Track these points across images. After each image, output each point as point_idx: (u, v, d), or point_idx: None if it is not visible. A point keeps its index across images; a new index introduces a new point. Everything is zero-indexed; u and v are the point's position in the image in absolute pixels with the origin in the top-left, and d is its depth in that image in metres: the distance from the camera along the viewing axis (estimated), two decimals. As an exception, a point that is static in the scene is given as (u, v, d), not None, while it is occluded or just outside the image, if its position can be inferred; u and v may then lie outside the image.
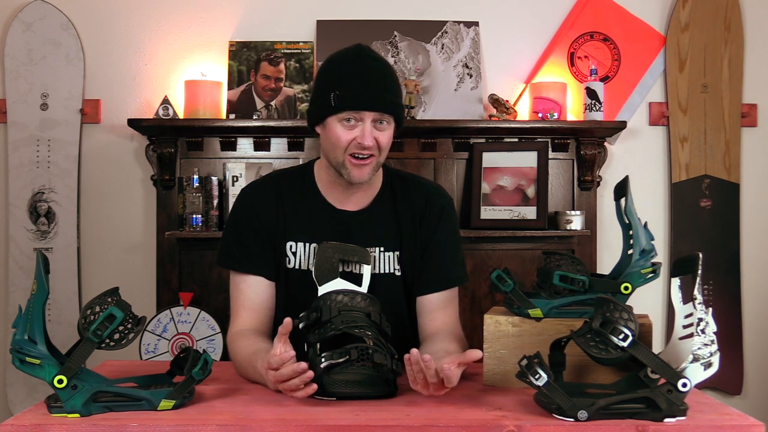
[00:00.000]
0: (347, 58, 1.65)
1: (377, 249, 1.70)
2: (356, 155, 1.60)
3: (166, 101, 2.85)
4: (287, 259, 1.70)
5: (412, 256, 1.72)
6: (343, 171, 1.63)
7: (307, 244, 1.69)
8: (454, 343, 1.60)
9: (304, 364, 1.31)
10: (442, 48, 3.02)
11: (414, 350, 1.32)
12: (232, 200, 2.81)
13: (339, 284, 1.53)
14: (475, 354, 1.32)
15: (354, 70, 1.61)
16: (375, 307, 1.47)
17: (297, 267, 1.69)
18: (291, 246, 1.70)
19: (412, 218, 1.73)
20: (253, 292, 1.69)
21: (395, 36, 3.01)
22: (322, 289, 1.52)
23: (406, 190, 1.76)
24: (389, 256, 1.71)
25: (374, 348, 1.38)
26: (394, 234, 1.72)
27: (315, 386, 1.33)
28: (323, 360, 1.36)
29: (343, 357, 1.36)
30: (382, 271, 1.70)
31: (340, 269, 1.58)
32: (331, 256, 1.57)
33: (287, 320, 1.37)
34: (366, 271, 1.59)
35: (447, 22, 3.04)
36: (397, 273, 1.71)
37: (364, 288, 1.55)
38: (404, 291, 1.72)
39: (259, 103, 2.96)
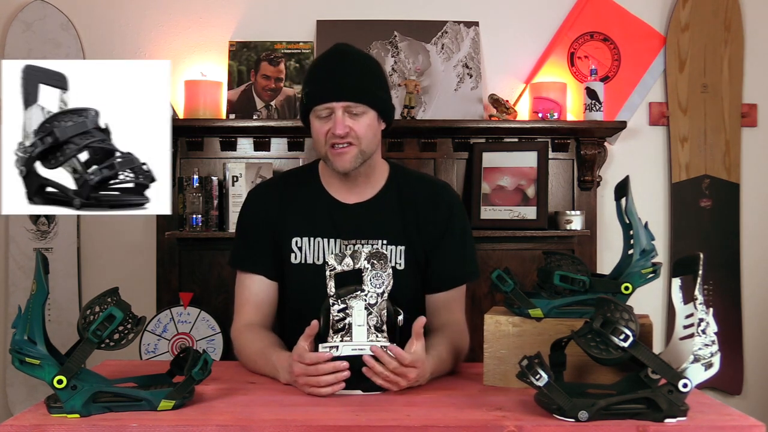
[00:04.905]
0: (321, 56, 1.74)
1: (380, 241, 1.72)
2: (334, 145, 1.65)
3: (166, 101, 2.85)
4: (293, 254, 1.73)
5: (415, 252, 1.74)
6: (329, 163, 1.69)
7: (312, 239, 1.73)
8: (443, 343, 1.62)
9: (344, 363, 1.39)
10: (442, 48, 3.02)
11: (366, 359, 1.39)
12: (232, 200, 2.82)
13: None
14: (419, 322, 1.43)
15: (321, 66, 1.71)
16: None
17: (302, 262, 1.73)
18: (296, 241, 1.73)
19: (416, 215, 1.75)
20: (257, 288, 1.74)
21: (395, 36, 3.01)
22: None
23: (412, 186, 1.79)
24: (392, 249, 1.73)
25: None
26: (398, 228, 1.74)
27: (343, 384, 1.39)
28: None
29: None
30: None
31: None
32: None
33: (314, 323, 1.42)
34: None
35: (447, 22, 3.04)
36: (399, 267, 1.72)
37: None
38: (408, 285, 1.73)
39: (259, 103, 2.96)
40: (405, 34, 3.01)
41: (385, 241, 1.72)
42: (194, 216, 2.80)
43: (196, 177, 2.82)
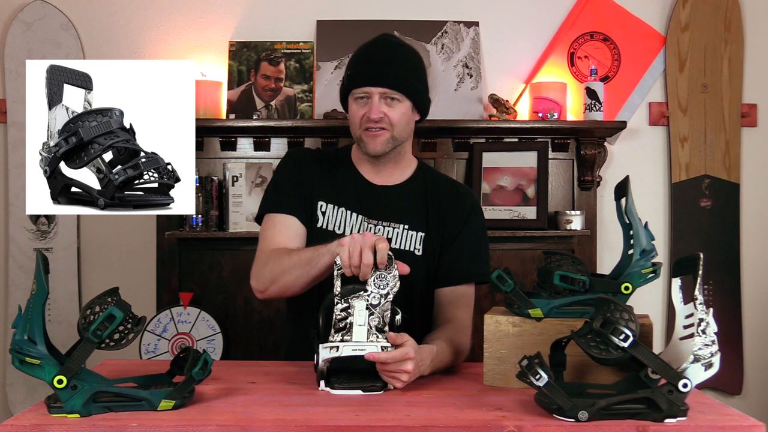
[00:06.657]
0: (366, 43, 1.80)
1: (402, 226, 1.78)
2: (368, 128, 1.72)
3: (166, 101, 2.85)
4: (316, 218, 1.77)
5: (432, 241, 1.78)
6: (361, 145, 1.76)
7: (336, 207, 1.77)
8: (443, 337, 1.64)
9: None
10: (442, 48, 3.02)
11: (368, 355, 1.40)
12: (232, 200, 2.82)
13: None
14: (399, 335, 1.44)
15: (364, 52, 1.77)
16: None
17: (324, 227, 1.76)
18: (321, 206, 1.78)
19: (438, 208, 1.81)
20: (293, 224, 1.75)
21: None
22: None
23: (437, 182, 1.86)
24: (413, 235, 1.78)
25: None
26: (420, 215, 1.79)
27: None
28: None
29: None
30: (403, 248, 1.76)
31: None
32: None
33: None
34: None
35: (447, 22, 3.04)
36: (417, 252, 1.77)
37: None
38: (423, 271, 1.77)
39: (259, 103, 2.96)
40: (405, 34, 3.01)
41: (406, 226, 1.78)
42: (194, 216, 2.80)
43: (196, 177, 2.82)
